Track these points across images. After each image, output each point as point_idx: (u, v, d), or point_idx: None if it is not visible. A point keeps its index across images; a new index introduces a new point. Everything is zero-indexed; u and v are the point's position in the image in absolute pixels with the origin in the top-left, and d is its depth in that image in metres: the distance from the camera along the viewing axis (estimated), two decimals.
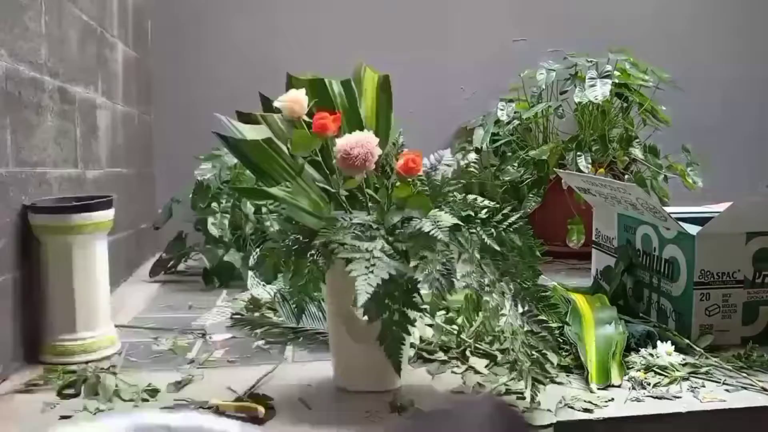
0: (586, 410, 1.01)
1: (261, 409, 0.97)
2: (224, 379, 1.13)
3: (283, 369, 1.19)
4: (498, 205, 1.07)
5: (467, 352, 1.22)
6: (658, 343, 1.21)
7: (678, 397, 1.06)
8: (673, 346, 1.19)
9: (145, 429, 0.62)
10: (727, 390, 1.09)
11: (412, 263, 1.01)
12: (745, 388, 1.09)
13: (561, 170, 1.86)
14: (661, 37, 2.55)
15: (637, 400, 1.05)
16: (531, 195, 2.07)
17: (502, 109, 2.19)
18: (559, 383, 1.11)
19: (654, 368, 1.15)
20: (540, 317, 1.01)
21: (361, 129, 1.05)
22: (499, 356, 1.19)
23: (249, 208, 1.89)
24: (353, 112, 1.14)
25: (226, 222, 1.89)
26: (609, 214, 1.54)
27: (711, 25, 2.62)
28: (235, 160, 1.86)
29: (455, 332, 1.28)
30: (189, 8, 2.43)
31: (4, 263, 1.15)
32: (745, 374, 1.14)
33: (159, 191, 2.41)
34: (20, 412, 1.01)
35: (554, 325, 1.02)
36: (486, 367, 1.16)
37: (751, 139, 2.67)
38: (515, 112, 2.19)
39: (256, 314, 1.52)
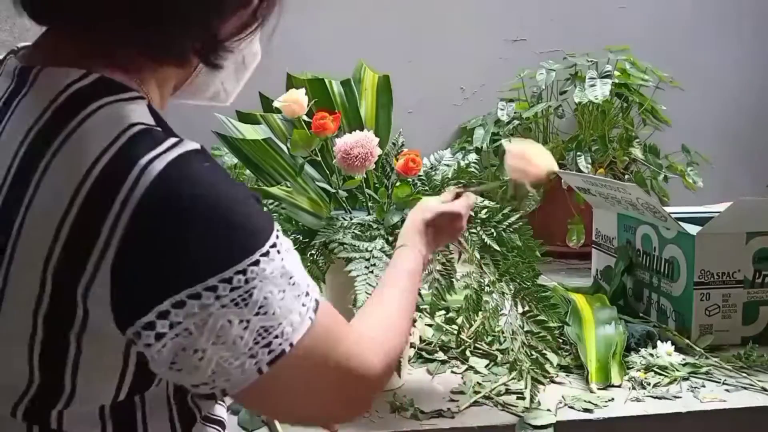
0: (586, 410, 1.01)
1: None
2: None
3: None
4: (498, 205, 1.07)
5: (467, 352, 1.22)
6: (658, 343, 1.21)
7: (678, 397, 1.06)
8: (673, 346, 1.19)
9: None
10: (727, 390, 1.09)
11: None
12: (745, 388, 1.10)
13: (561, 170, 1.86)
14: (661, 37, 2.55)
15: (637, 400, 1.05)
16: (531, 195, 2.06)
17: (502, 109, 2.19)
18: (559, 383, 1.11)
19: (654, 368, 1.15)
20: (540, 317, 1.01)
21: (361, 129, 1.05)
22: (499, 356, 1.19)
23: None
24: (353, 112, 1.14)
25: None
26: (609, 214, 1.54)
27: (711, 24, 2.62)
28: (235, 160, 1.86)
29: (455, 332, 1.27)
30: None
31: None
32: (745, 374, 1.14)
33: None
34: None
35: (554, 325, 1.02)
36: (486, 367, 1.16)
37: (752, 139, 2.67)
38: (515, 112, 2.18)
39: None
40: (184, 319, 0.59)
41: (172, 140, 0.62)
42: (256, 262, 0.62)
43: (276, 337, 0.63)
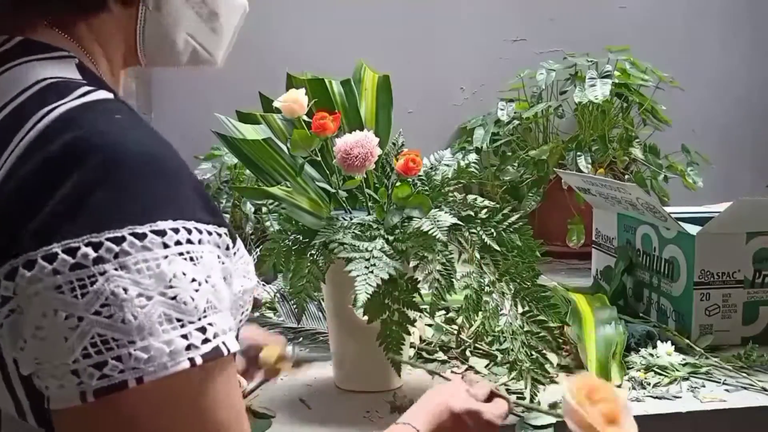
0: None
1: None
2: None
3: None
4: (498, 205, 1.07)
5: (467, 352, 1.22)
6: (658, 343, 1.21)
7: (678, 397, 1.06)
8: (673, 346, 1.19)
9: None
10: (727, 390, 1.09)
11: (412, 263, 1.01)
12: (745, 388, 1.09)
13: (561, 170, 1.86)
14: (661, 37, 2.55)
15: (637, 400, 1.05)
16: (531, 195, 2.07)
17: (502, 109, 2.19)
18: (559, 383, 1.11)
19: (654, 368, 1.15)
20: (540, 317, 1.01)
21: (361, 129, 1.05)
22: (499, 356, 1.19)
23: (249, 208, 1.89)
24: (353, 112, 1.14)
25: None
26: (609, 214, 1.54)
27: (711, 24, 2.62)
28: (235, 160, 1.86)
29: (455, 332, 1.27)
30: None
31: None
32: (745, 374, 1.14)
33: None
34: None
35: (554, 325, 1.02)
36: (486, 367, 1.16)
37: (752, 140, 2.67)
38: (515, 112, 2.19)
39: (256, 314, 1.51)
40: (15, 293, 0.49)
41: (84, 89, 0.56)
42: (119, 240, 0.48)
43: (118, 359, 0.47)
